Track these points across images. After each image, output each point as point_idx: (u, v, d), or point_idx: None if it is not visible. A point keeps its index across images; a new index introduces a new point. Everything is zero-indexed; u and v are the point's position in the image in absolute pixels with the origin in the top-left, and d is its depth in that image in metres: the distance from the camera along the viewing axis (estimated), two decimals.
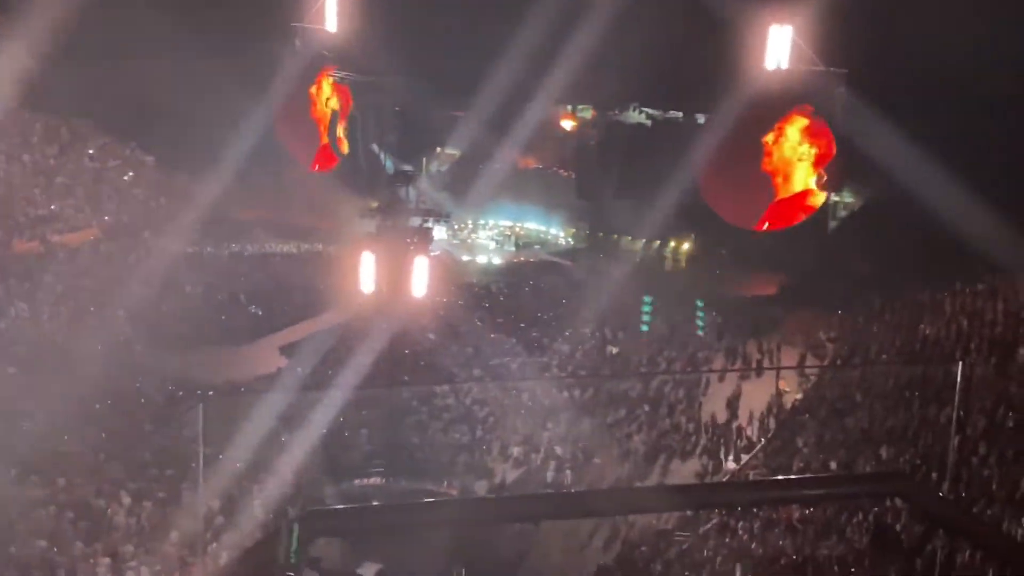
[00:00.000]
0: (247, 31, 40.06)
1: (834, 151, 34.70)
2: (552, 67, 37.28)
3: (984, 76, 30.27)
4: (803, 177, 35.26)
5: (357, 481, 24.86)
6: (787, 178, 35.49)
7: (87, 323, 30.00)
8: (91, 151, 39.31)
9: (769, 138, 35.50)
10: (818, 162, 35.07)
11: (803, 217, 35.54)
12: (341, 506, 23.03)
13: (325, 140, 43.99)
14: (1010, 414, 20.96)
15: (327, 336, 31.66)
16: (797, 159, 35.30)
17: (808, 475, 21.39)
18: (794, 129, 35.31)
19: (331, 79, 43.27)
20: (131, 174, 39.93)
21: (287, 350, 31.69)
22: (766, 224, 35.72)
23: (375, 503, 23.42)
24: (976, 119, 31.34)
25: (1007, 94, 30.36)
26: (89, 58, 36.94)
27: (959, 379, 9.65)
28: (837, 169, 35.02)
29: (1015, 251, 25.90)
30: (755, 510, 20.25)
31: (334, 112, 43.62)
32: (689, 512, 20.83)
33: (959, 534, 9.36)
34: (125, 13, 37.06)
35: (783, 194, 35.43)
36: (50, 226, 35.06)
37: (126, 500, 21.70)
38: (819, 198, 35.70)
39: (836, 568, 18.44)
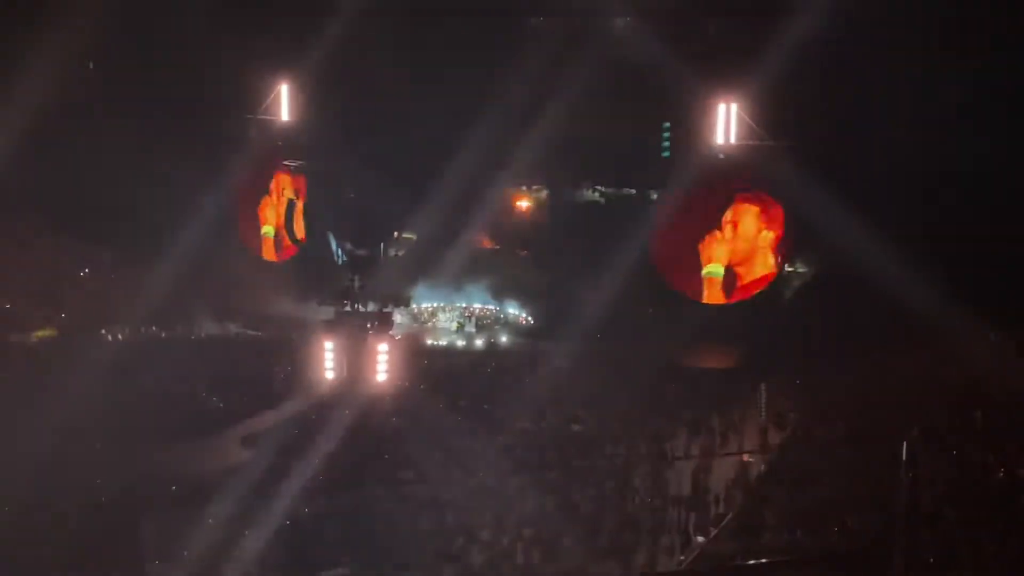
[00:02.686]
0: (201, 124, 40.40)
1: (786, 231, 35.33)
2: (506, 150, 37.86)
3: (931, 147, 31.09)
4: (764, 262, 35.88)
5: (325, 573, 24.56)
6: (749, 265, 36.12)
7: (43, 420, 29.56)
8: (46, 247, 39.14)
9: (727, 231, 36.13)
10: (775, 244, 35.70)
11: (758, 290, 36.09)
12: None
13: (282, 228, 44.12)
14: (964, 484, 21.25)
15: (288, 426, 31.47)
16: (757, 246, 35.95)
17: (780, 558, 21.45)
18: (750, 217, 35.93)
19: (286, 168, 43.54)
20: (87, 270, 39.82)
21: (248, 441, 31.41)
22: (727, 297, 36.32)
23: None
24: (927, 188, 32.13)
25: (954, 167, 31.20)
26: (44, 154, 37.03)
27: (904, 455, 9.92)
28: (790, 241, 35.64)
29: (968, 318, 26.49)
30: None
31: (290, 200, 43.84)
32: None
33: None
34: (79, 109, 37.36)
35: (747, 280, 36.03)
36: (6, 325, 34.82)
37: None
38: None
39: None
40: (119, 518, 25.04)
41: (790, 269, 38.42)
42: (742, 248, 36.11)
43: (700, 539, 25.98)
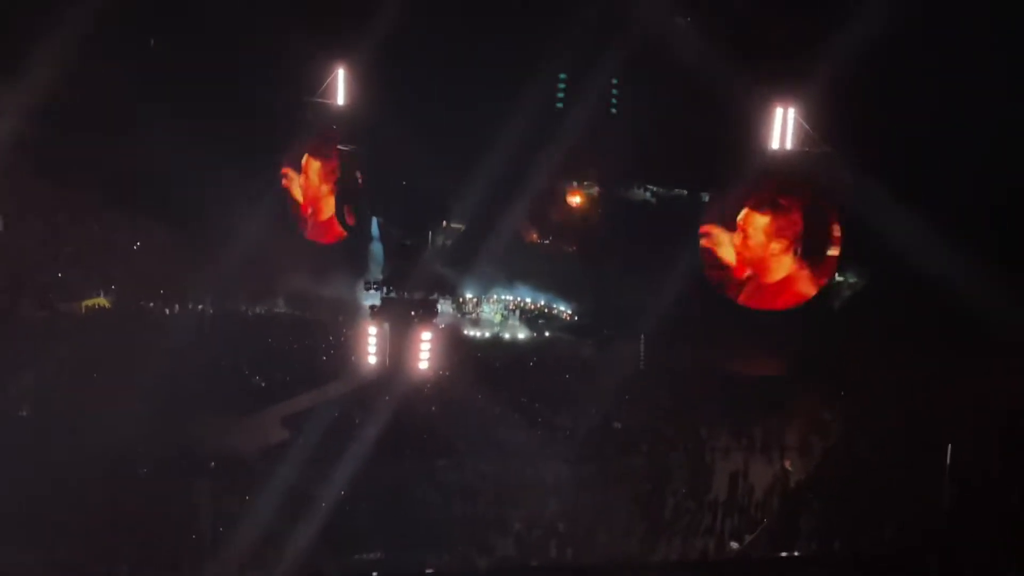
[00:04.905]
0: (256, 106, 40.71)
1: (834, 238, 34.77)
2: (559, 144, 37.76)
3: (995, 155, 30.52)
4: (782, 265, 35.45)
5: (358, 556, 24.63)
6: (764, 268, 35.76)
7: (91, 391, 29.96)
8: (100, 220, 39.67)
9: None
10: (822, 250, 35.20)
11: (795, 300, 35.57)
12: None
13: (332, 212, 44.33)
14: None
15: (329, 408, 31.64)
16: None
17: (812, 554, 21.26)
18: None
19: (339, 152, 43.74)
20: (139, 243, 40.28)
21: (289, 421, 31.58)
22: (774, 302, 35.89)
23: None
24: (985, 199, 31.54)
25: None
26: (98, 127, 37.51)
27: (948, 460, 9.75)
28: (840, 251, 35.09)
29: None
30: None
31: (341, 185, 44.02)
32: None
33: None
34: (135, 84, 37.76)
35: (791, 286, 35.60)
36: (58, 293, 35.28)
37: (124, 571, 21.57)
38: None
39: None
40: (154, 491, 25.19)
41: (842, 278, 37.89)
42: (782, 253, 35.65)
43: (735, 545, 25.78)
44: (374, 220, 44.76)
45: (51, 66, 33.40)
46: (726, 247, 35.95)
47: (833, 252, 35.03)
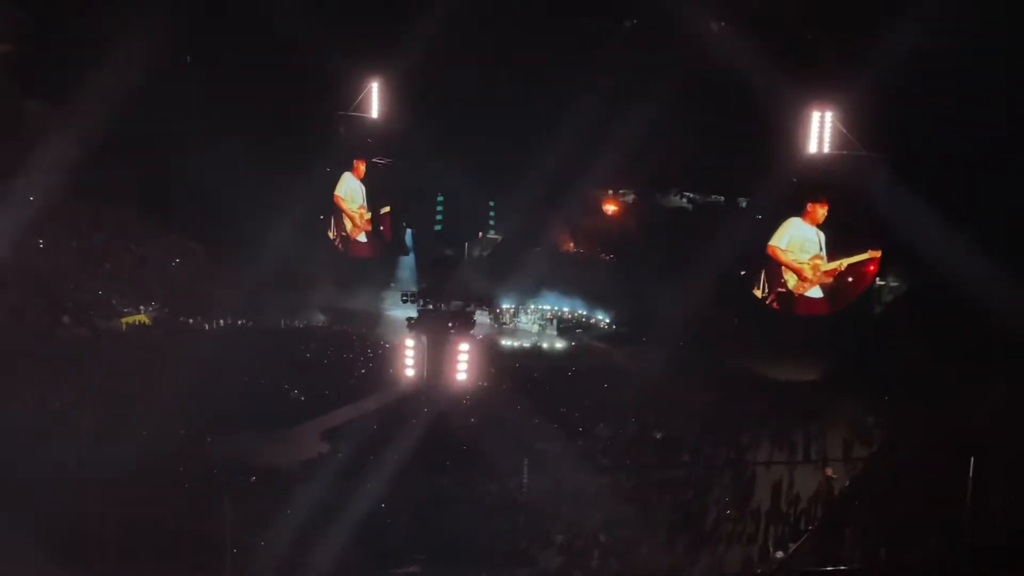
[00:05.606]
0: (293, 121, 40.95)
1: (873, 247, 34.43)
2: (594, 152, 37.64)
3: None
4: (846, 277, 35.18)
5: (396, 569, 24.56)
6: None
7: (131, 406, 30.18)
8: (138, 238, 40.05)
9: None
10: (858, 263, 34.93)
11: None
12: None
13: (368, 226, 44.49)
14: None
15: (368, 421, 31.65)
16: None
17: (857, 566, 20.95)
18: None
19: (375, 166, 43.93)
20: (178, 260, 40.62)
21: (328, 435, 31.60)
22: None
23: None
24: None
25: None
26: (137, 146, 37.90)
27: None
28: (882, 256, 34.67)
29: None
30: None
31: (378, 198, 44.18)
32: None
33: None
34: (173, 102, 38.11)
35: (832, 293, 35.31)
36: (97, 311, 35.61)
37: None
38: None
39: None
40: (196, 503, 25.25)
41: (882, 283, 37.49)
42: (818, 263, 35.33)
43: (779, 555, 25.43)
44: (410, 232, 44.91)
45: (87, 86, 33.80)
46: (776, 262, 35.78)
47: (873, 258, 34.73)
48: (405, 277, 43.56)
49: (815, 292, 35.34)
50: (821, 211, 34.93)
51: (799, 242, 35.34)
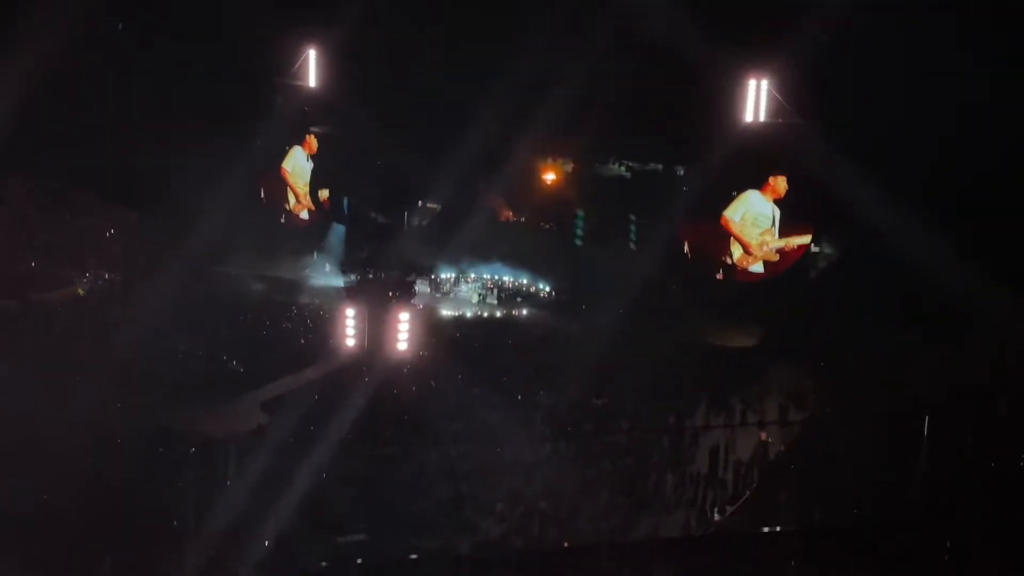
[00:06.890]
0: (228, 88, 40.38)
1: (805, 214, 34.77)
2: (533, 121, 37.56)
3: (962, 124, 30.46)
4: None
5: (340, 538, 24.58)
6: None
7: (65, 380, 29.67)
8: (71, 209, 39.32)
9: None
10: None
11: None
12: (325, 564, 23.01)
13: (306, 194, 44.15)
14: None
15: (308, 392, 31.50)
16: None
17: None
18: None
19: (312, 134, 43.51)
20: (112, 231, 39.95)
21: (268, 406, 31.41)
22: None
23: (359, 561, 23.32)
24: (955, 167, 31.52)
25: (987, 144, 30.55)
26: (70, 117, 37.11)
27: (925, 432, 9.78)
28: (815, 221, 35.15)
29: (997, 301, 26.12)
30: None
31: (315, 167, 43.82)
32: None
33: None
34: (102, 70, 37.33)
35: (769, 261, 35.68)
36: (29, 284, 34.97)
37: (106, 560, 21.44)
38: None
39: None
40: (132, 478, 24.96)
41: (817, 249, 37.98)
42: (756, 231, 35.66)
43: (717, 517, 25.93)
44: (348, 202, 44.58)
45: (10, 53, 32.97)
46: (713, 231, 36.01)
47: (809, 226, 35.16)
48: (343, 246, 43.27)
49: (758, 267, 35.73)
50: (782, 185, 35.20)
51: (753, 216, 35.63)
